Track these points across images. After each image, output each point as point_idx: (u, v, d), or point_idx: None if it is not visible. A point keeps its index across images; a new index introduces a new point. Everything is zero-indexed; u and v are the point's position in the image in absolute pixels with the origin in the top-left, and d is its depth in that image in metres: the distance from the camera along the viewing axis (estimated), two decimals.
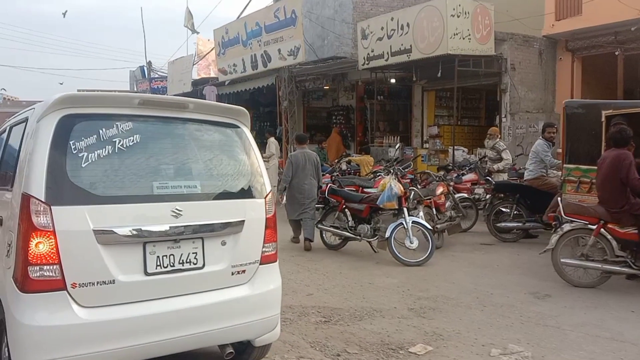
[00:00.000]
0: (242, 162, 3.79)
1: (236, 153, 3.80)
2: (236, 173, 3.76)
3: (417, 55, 11.72)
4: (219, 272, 3.51)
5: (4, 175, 3.92)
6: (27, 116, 3.52)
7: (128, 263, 3.19)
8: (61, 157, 3.10)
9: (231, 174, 3.74)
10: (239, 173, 3.77)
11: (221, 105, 3.79)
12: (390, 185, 6.52)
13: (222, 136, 3.80)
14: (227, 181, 3.71)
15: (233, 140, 3.82)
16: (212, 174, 3.65)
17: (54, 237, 2.98)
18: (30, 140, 3.19)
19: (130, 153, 3.32)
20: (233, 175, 3.75)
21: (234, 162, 3.77)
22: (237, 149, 3.82)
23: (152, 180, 3.35)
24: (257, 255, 3.72)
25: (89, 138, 3.21)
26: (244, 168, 3.80)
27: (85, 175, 3.14)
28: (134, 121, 3.39)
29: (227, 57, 17.51)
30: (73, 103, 3.22)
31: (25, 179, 3.05)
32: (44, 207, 2.98)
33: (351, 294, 5.16)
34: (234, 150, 3.80)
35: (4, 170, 3.97)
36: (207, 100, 10.77)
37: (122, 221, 3.17)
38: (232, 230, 3.59)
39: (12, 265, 3.03)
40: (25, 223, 2.98)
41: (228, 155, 3.77)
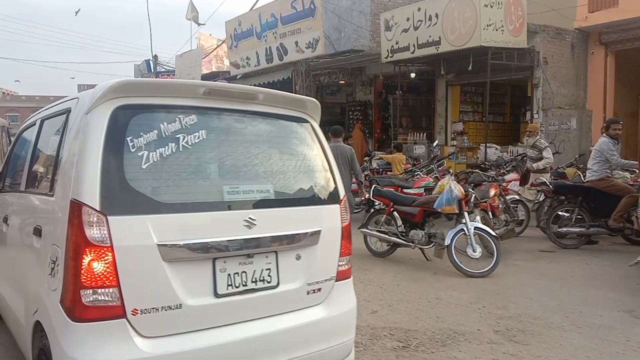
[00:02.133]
0: (314, 163, 3.26)
1: (307, 152, 3.27)
2: (309, 175, 3.23)
3: (446, 47, 11.17)
4: (293, 291, 2.99)
5: (38, 178, 3.39)
6: (68, 107, 2.98)
7: (196, 283, 2.67)
8: (117, 156, 2.56)
9: (304, 176, 3.21)
10: (311, 175, 3.24)
11: (292, 96, 3.25)
12: (450, 187, 5.96)
13: (291, 132, 3.26)
14: (300, 185, 3.17)
15: (303, 137, 3.29)
16: (285, 177, 3.11)
17: (111, 254, 2.45)
18: (77, 136, 2.65)
19: (196, 152, 2.78)
20: (306, 177, 3.22)
21: (306, 163, 3.24)
22: (308, 147, 3.28)
23: (222, 183, 2.82)
24: (332, 270, 3.20)
25: (148, 134, 2.67)
26: (317, 169, 3.27)
27: (146, 179, 2.61)
28: (199, 114, 2.85)
29: (239, 50, 16.95)
30: (129, 91, 2.68)
31: (75, 183, 2.52)
32: (99, 218, 2.44)
33: (421, 311, 4.61)
34: (304, 149, 3.27)
35: (38, 171, 3.43)
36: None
37: (189, 233, 2.64)
38: (308, 242, 3.06)
39: (59, 287, 2.51)
40: (76, 237, 2.45)
41: (299, 154, 3.23)
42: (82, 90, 3.71)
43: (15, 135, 5.03)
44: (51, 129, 3.34)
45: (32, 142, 3.60)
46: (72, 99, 2.97)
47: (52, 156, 3.13)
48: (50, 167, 3.08)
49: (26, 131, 4.11)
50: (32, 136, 3.65)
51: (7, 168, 4.42)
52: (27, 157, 3.62)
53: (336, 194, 3.28)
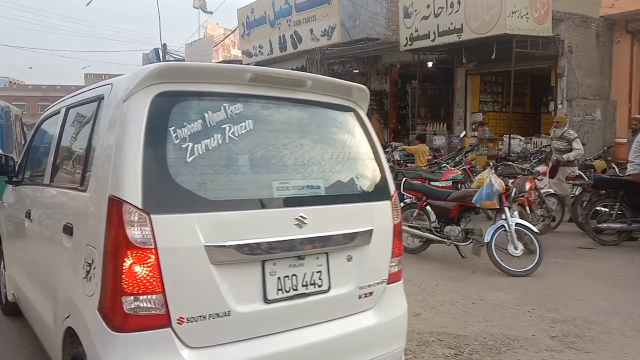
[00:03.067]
0: (363, 156, 3.00)
1: (356, 144, 3.01)
2: (358, 169, 2.97)
3: (469, 35, 10.82)
4: (345, 295, 2.75)
5: (65, 171, 3.15)
6: (99, 94, 2.73)
7: (245, 288, 2.42)
8: (160, 148, 2.31)
9: (353, 170, 2.95)
10: (361, 169, 2.98)
11: (339, 83, 2.98)
12: (490, 181, 5.68)
13: (338, 122, 3.00)
14: (350, 180, 2.91)
15: (351, 127, 3.02)
16: (334, 171, 2.85)
17: (155, 257, 2.20)
18: (113, 126, 2.40)
19: (243, 143, 2.53)
20: (355, 172, 2.96)
21: (355, 156, 2.98)
22: (357, 138, 3.02)
23: (271, 178, 2.57)
24: (384, 273, 2.96)
25: (193, 124, 2.41)
26: (366, 163, 3.00)
27: (191, 173, 2.36)
28: (244, 102, 2.59)
29: (252, 38, 16.65)
30: (170, 76, 2.42)
31: (113, 178, 2.27)
32: (142, 217, 2.20)
33: (467, 314, 4.35)
34: (353, 140, 3.00)
35: (65, 164, 3.19)
36: None
37: (238, 233, 2.39)
38: (360, 243, 2.81)
39: (96, 293, 2.27)
40: (116, 237, 2.20)
41: (348, 146, 2.97)
42: (89, 80, 3.42)
43: (29, 124, 4.78)
44: (79, 118, 3.10)
45: (56, 132, 3.35)
46: (105, 85, 2.72)
47: (81, 147, 2.88)
48: (80, 159, 2.84)
49: (48, 120, 3.87)
50: (56, 126, 3.40)
51: (27, 159, 4.19)
52: (50, 148, 3.38)
53: (386, 189, 3.03)
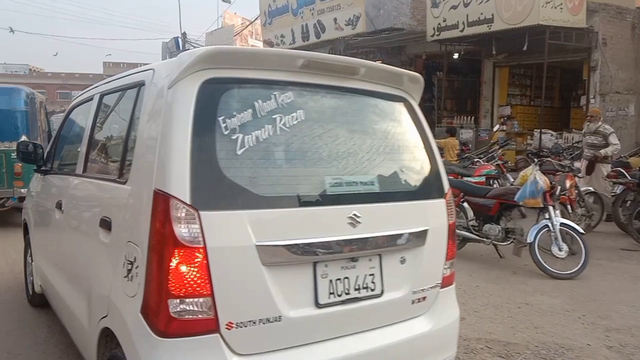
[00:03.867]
0: (417, 150, 2.80)
1: (409, 137, 2.80)
2: (412, 164, 2.77)
3: (500, 25, 10.50)
4: (398, 300, 2.56)
5: (101, 161, 3.00)
6: (139, 80, 2.55)
7: (296, 291, 2.25)
8: (209, 139, 2.13)
9: (407, 165, 2.75)
10: (415, 164, 2.78)
11: (394, 70, 2.77)
12: (534, 178, 5.43)
13: (390, 113, 2.79)
14: (404, 175, 2.72)
15: (403, 118, 2.82)
16: (388, 166, 2.66)
17: (204, 257, 2.03)
18: (157, 114, 2.22)
19: (294, 135, 2.34)
20: (409, 167, 2.76)
21: (408, 150, 2.77)
22: (409, 131, 2.81)
23: (324, 174, 2.39)
24: (438, 276, 2.77)
25: (242, 113, 2.23)
26: (420, 157, 2.80)
27: (241, 167, 2.18)
28: (295, 91, 2.40)
29: (274, 27, 16.43)
30: (219, 62, 2.23)
31: (159, 171, 2.10)
32: (190, 213, 2.03)
33: (514, 319, 4.12)
34: (406, 133, 2.80)
35: (101, 153, 3.04)
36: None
37: (290, 232, 2.22)
38: (414, 244, 2.62)
39: (139, 294, 2.11)
40: (162, 235, 2.03)
41: (400, 139, 2.77)
42: (108, 69, 3.25)
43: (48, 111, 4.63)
44: (116, 106, 2.94)
45: (89, 119, 3.19)
46: (146, 71, 2.54)
47: (119, 136, 2.72)
48: (118, 149, 2.68)
49: (79, 108, 3.72)
50: (89, 113, 3.24)
51: (56, 147, 4.05)
52: (83, 137, 3.22)
53: (441, 186, 2.83)
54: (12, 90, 7.33)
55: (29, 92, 7.57)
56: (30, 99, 7.48)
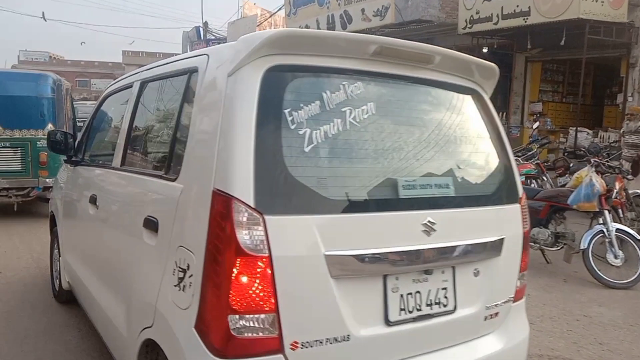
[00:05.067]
0: (490, 147, 2.52)
1: (482, 134, 2.53)
2: (485, 164, 2.50)
3: (537, 18, 10.09)
4: (470, 316, 2.31)
5: (143, 154, 2.77)
6: (191, 66, 2.30)
7: (365, 307, 2.01)
8: (274, 135, 1.89)
9: (481, 165, 2.49)
10: (489, 164, 2.51)
11: (470, 60, 2.48)
12: (590, 180, 5.13)
13: (462, 108, 2.52)
14: (479, 177, 2.45)
15: (476, 114, 2.55)
16: (462, 166, 2.39)
17: (269, 267, 1.80)
18: (214, 105, 1.98)
19: (364, 131, 2.09)
20: (484, 168, 2.49)
21: (481, 148, 2.50)
22: (482, 127, 2.54)
23: (396, 175, 2.13)
24: (511, 289, 2.51)
25: (310, 105, 1.98)
26: (494, 157, 2.53)
27: (309, 166, 1.94)
28: (365, 81, 2.15)
29: (298, 18, 16.13)
30: (286, 47, 1.98)
31: (219, 169, 1.86)
32: (254, 218, 1.78)
33: (574, 334, 3.82)
34: (478, 130, 2.52)
35: (143, 146, 2.81)
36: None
37: (361, 240, 1.97)
38: (490, 254, 2.36)
39: (193, 307, 1.87)
40: (223, 242, 1.80)
41: (473, 137, 2.50)
42: (127, 58, 3.00)
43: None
44: (161, 94, 2.70)
45: (128, 109, 2.95)
46: (199, 56, 2.29)
47: (166, 129, 2.49)
48: (165, 142, 2.45)
49: (115, 96, 3.49)
50: (128, 102, 3.01)
51: (87, 138, 3.84)
52: (121, 127, 2.98)
53: (515, 189, 2.56)
54: (39, 77, 7.14)
55: (55, 79, 7.38)
56: (57, 86, 7.30)
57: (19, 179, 6.99)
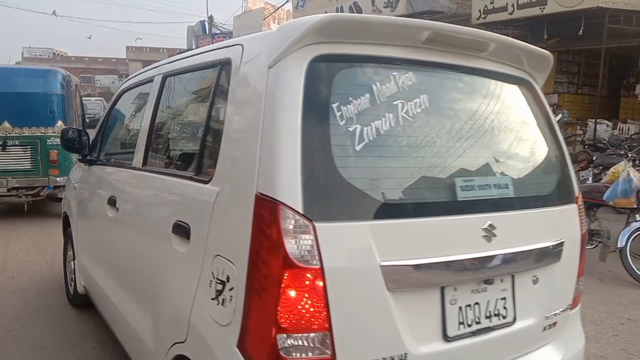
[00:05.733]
0: (544, 143, 2.32)
1: (537, 128, 2.32)
2: (543, 162, 2.30)
3: (554, 8, 9.85)
4: (530, 327, 2.12)
5: (169, 154, 2.59)
6: (223, 58, 2.09)
7: (421, 322, 1.82)
8: (322, 132, 1.69)
9: (538, 163, 2.29)
10: (545, 162, 2.31)
11: (526, 47, 2.27)
12: (628, 175, 4.90)
13: (515, 100, 2.32)
14: (535, 176, 2.25)
15: (529, 106, 2.34)
16: (519, 164, 2.19)
17: (321, 280, 1.61)
18: (256, 100, 1.79)
19: (418, 127, 1.90)
20: (540, 165, 2.29)
21: (536, 144, 2.30)
22: (537, 121, 2.33)
23: (453, 175, 1.93)
24: (569, 297, 2.32)
25: (359, 99, 1.79)
26: (550, 153, 2.33)
27: (361, 166, 1.75)
28: (415, 71, 1.95)
29: (306, 10, 15.89)
30: (332, 34, 1.78)
31: (263, 170, 1.66)
32: (304, 225, 1.59)
33: (621, 339, 3.61)
34: (533, 124, 2.32)
35: (169, 145, 2.62)
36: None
37: (418, 248, 1.78)
38: (550, 260, 2.17)
39: (235, 324, 1.69)
40: (269, 252, 1.61)
41: (528, 132, 2.29)
42: (131, 53, 2.79)
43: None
44: (187, 89, 2.51)
45: (149, 105, 2.75)
46: (230, 47, 2.10)
47: (195, 125, 2.31)
48: (194, 140, 2.27)
49: (132, 91, 3.30)
50: (149, 97, 2.82)
51: (103, 136, 3.65)
52: (142, 125, 2.79)
53: (571, 188, 2.35)
54: (47, 73, 6.93)
55: (65, 74, 7.17)
56: (66, 82, 7.09)
57: (29, 178, 6.78)
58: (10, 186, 6.73)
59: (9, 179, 6.69)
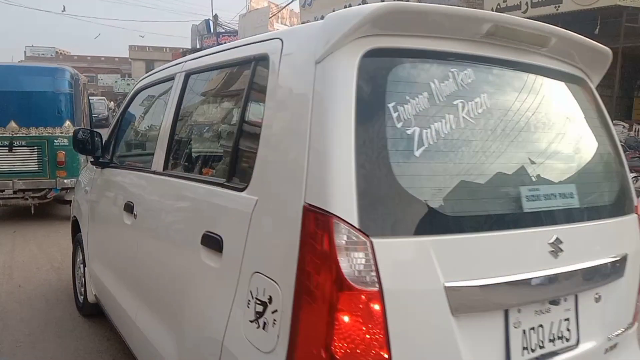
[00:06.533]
0: (603, 148, 2.14)
1: (594, 131, 2.14)
2: (602, 168, 2.11)
3: (570, 6, 9.67)
4: (593, 350, 1.93)
5: (195, 157, 2.41)
6: (259, 53, 1.90)
7: (484, 349, 1.63)
8: (379, 135, 1.51)
9: (598, 170, 2.10)
10: (605, 168, 2.12)
11: (585, 43, 2.09)
12: None
13: (572, 100, 2.13)
14: (596, 184, 2.07)
15: (586, 107, 2.15)
16: (580, 171, 2.00)
17: (379, 304, 1.42)
18: (302, 99, 1.60)
19: (480, 129, 1.71)
20: (600, 172, 2.10)
21: (595, 149, 2.12)
22: (594, 123, 2.15)
23: (518, 183, 1.74)
24: (630, 314, 2.13)
25: (417, 98, 1.60)
26: (608, 159, 2.14)
27: (422, 174, 1.56)
28: (474, 67, 1.77)
29: (314, 9, 15.71)
30: (387, 25, 1.60)
31: (312, 179, 1.48)
32: (361, 242, 1.41)
33: None
34: (590, 127, 2.13)
35: (194, 147, 2.44)
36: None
37: (484, 266, 1.59)
38: (614, 276, 1.98)
39: (280, 351, 1.50)
40: (321, 272, 1.42)
41: (587, 135, 2.11)
42: (133, 52, 2.60)
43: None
44: (215, 88, 2.33)
45: (171, 104, 2.55)
46: (267, 41, 1.91)
47: (226, 128, 2.12)
48: (225, 144, 2.08)
49: (150, 90, 3.12)
50: (170, 97, 2.62)
51: (117, 137, 3.47)
52: (162, 126, 2.59)
53: (630, 196, 2.16)
54: (55, 71, 6.73)
55: (73, 73, 6.97)
56: (74, 80, 6.88)
57: (36, 180, 6.57)
58: (16, 188, 6.53)
59: (15, 180, 6.49)
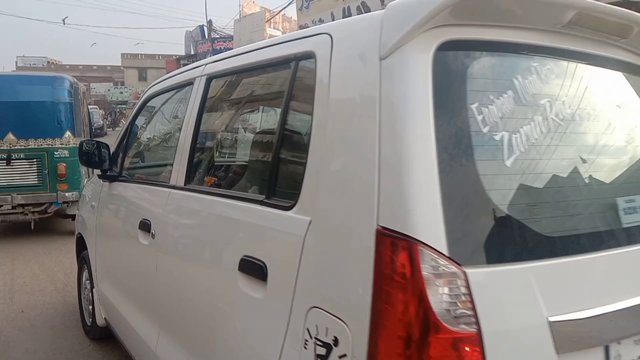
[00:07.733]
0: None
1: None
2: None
3: None
4: None
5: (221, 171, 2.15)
6: (302, 51, 1.64)
7: None
8: (462, 143, 1.26)
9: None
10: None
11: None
12: None
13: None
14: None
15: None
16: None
17: (478, 349, 1.17)
18: (361, 102, 1.36)
19: (570, 133, 1.47)
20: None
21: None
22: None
23: (614, 194, 1.50)
24: None
25: (502, 97, 1.36)
26: None
27: (516, 188, 1.31)
28: (556, 61, 1.53)
29: (311, 12, 15.45)
30: (463, 14, 1.35)
31: (385, 197, 1.23)
32: (452, 273, 1.16)
33: None
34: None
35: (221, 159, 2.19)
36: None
37: (583, 295, 1.35)
38: None
39: None
40: (404, 310, 1.18)
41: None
42: (126, 60, 2.36)
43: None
44: (245, 92, 2.08)
45: (190, 112, 2.29)
46: (312, 37, 1.65)
47: (260, 137, 1.87)
48: (259, 155, 1.84)
49: (162, 97, 2.86)
50: (188, 103, 2.36)
51: (125, 148, 3.20)
52: (181, 136, 2.33)
53: None
54: (54, 80, 6.43)
55: (72, 81, 6.68)
56: (74, 89, 6.59)
57: (36, 194, 6.26)
58: (15, 203, 6.22)
59: (14, 195, 6.18)
